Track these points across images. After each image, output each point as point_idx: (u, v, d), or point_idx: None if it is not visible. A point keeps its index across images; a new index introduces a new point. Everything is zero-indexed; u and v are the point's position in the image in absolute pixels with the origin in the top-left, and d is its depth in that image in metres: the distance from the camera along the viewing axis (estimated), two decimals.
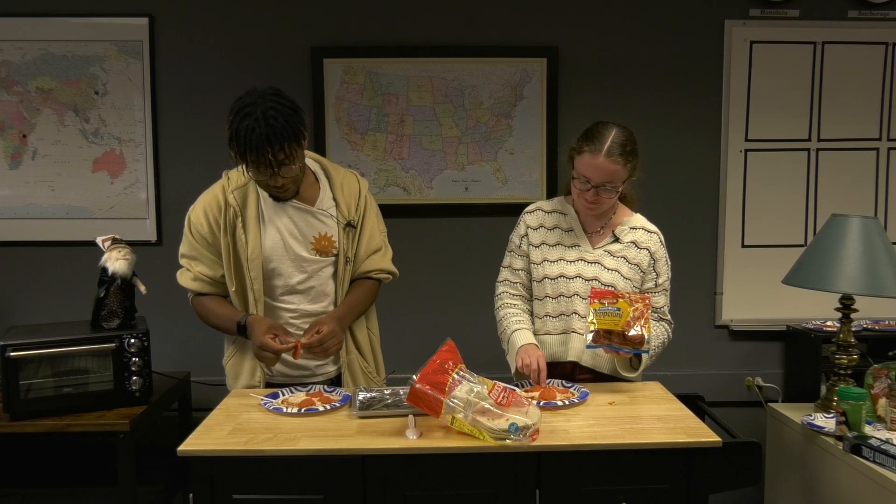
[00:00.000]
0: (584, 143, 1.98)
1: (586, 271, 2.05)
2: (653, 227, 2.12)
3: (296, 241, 2.03)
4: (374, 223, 2.14)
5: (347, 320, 2.05)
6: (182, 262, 2.08)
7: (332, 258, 2.07)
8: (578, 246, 2.09)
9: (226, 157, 3.09)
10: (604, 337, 1.93)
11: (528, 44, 2.92)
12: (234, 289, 2.02)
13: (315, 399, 1.87)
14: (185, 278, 2.07)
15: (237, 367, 2.09)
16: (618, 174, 1.96)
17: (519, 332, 2.06)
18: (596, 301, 1.94)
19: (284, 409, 1.79)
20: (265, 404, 1.84)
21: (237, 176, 2.05)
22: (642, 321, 1.90)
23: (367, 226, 2.11)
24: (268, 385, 2.06)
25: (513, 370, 2.06)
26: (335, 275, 2.08)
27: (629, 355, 1.99)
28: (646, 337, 1.90)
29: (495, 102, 2.94)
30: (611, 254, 2.07)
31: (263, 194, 2.03)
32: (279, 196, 1.99)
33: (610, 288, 2.02)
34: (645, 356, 2.01)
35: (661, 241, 2.11)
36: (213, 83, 2.91)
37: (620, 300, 1.92)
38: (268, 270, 2.02)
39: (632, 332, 1.89)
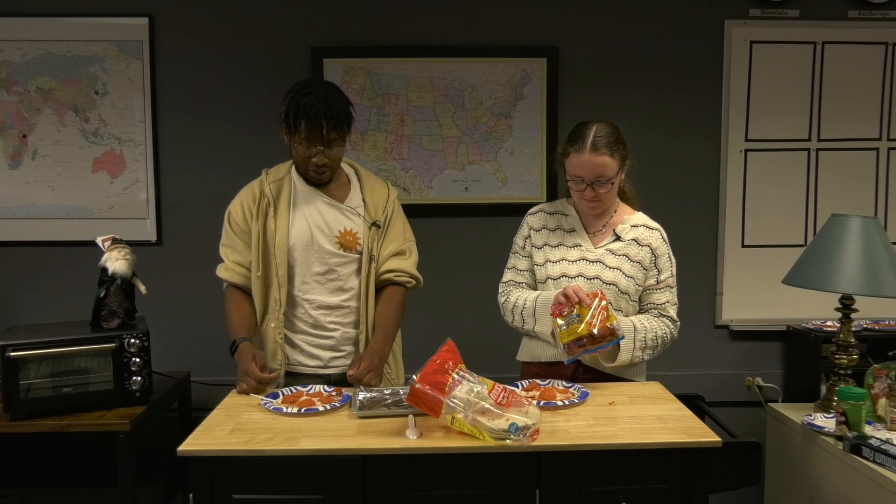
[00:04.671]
0: (569, 145, 2.03)
1: (588, 270, 2.05)
2: (654, 224, 2.12)
3: (321, 233, 2.10)
4: (400, 228, 2.22)
5: (387, 349, 2.12)
6: (221, 253, 2.17)
7: (357, 255, 2.13)
8: (580, 246, 2.09)
9: (225, 156, 3.09)
10: (576, 346, 1.92)
11: (528, 44, 2.93)
12: (258, 274, 2.10)
13: (315, 399, 1.87)
14: (221, 270, 2.17)
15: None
16: (607, 166, 1.98)
17: (536, 295, 2.06)
18: (557, 318, 1.93)
19: (285, 409, 1.79)
20: (265, 404, 1.84)
21: (276, 171, 2.17)
22: (604, 315, 1.88)
23: (393, 229, 2.20)
24: (287, 372, 2.13)
25: (549, 329, 2.00)
26: (359, 271, 2.14)
27: (609, 348, 1.97)
28: (613, 326, 1.88)
29: (495, 102, 2.94)
30: (612, 252, 2.07)
31: (297, 184, 2.13)
32: (317, 178, 2.09)
33: (611, 285, 2.03)
34: (625, 343, 1.97)
35: (663, 238, 2.10)
36: (213, 83, 2.91)
37: (577, 306, 1.90)
38: (291, 259, 2.10)
39: (596, 331, 1.87)
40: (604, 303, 1.90)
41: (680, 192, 3.00)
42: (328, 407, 1.80)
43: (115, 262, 2.29)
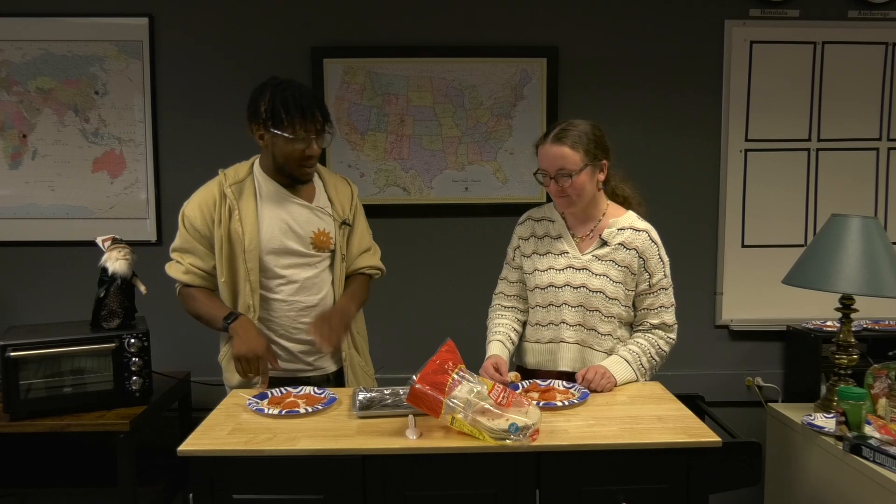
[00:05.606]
0: (539, 140, 2.05)
1: (574, 279, 2.03)
2: (642, 225, 2.05)
3: (295, 235, 2.08)
4: (364, 225, 2.25)
5: (352, 308, 2.11)
6: (173, 255, 2.13)
7: (329, 254, 2.14)
8: (567, 253, 2.06)
9: (225, 156, 3.08)
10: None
11: (528, 44, 2.92)
12: (223, 279, 2.07)
13: (300, 401, 1.86)
14: (175, 270, 2.11)
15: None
16: (567, 158, 1.95)
17: (490, 343, 2.11)
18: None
19: (266, 411, 1.78)
20: (250, 405, 1.82)
21: (234, 172, 2.12)
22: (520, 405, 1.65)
23: (358, 227, 2.22)
24: (277, 378, 2.08)
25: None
26: (332, 269, 2.15)
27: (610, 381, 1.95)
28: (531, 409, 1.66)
29: (495, 102, 2.94)
30: (599, 259, 2.03)
31: (263, 185, 2.09)
32: (306, 174, 2.07)
33: (598, 293, 2.00)
34: (627, 376, 1.98)
35: (650, 239, 2.03)
36: (213, 83, 2.91)
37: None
38: (264, 262, 2.06)
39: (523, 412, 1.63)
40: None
41: (680, 192, 3.00)
42: (309, 409, 1.79)
43: (115, 262, 2.29)
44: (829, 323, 2.88)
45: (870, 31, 2.96)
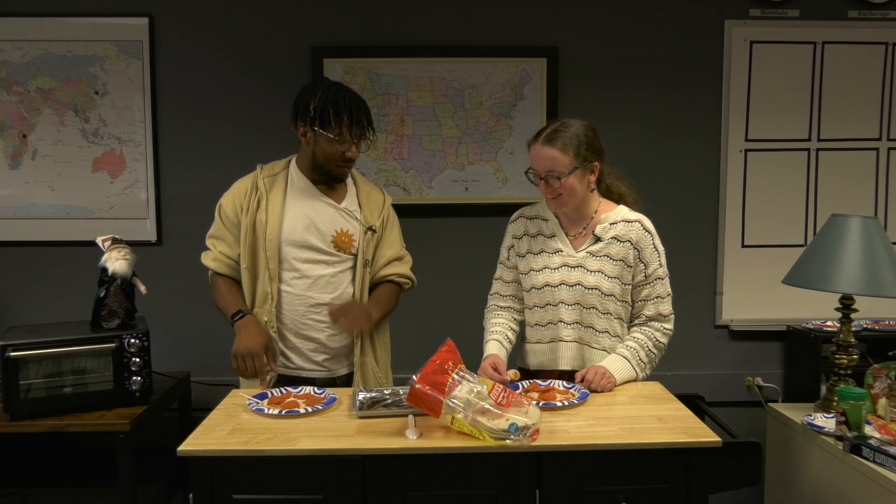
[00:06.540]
0: (531, 139, 2.03)
1: (570, 277, 2.03)
2: (634, 216, 2.04)
3: (317, 231, 2.11)
4: (396, 235, 2.26)
5: (375, 311, 2.11)
6: (207, 242, 2.18)
7: (351, 257, 2.14)
8: (561, 251, 2.05)
9: (225, 156, 3.08)
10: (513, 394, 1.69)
11: (528, 44, 2.92)
12: (245, 265, 2.11)
13: (300, 401, 1.86)
14: (206, 257, 2.18)
15: None
16: (556, 160, 1.95)
17: (488, 343, 2.11)
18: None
19: (266, 411, 1.78)
20: (250, 405, 1.83)
21: (270, 167, 2.18)
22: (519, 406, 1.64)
23: (390, 235, 2.23)
24: (281, 376, 2.12)
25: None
26: (353, 274, 2.15)
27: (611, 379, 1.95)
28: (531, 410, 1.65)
29: (495, 102, 2.94)
30: (593, 255, 2.02)
31: (295, 181, 2.13)
32: (341, 174, 2.13)
33: (594, 290, 2.00)
34: (626, 373, 1.98)
35: (644, 228, 2.02)
36: (213, 83, 2.91)
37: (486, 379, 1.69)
38: (282, 253, 2.10)
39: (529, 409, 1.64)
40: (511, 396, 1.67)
41: (680, 192, 3.00)
42: (309, 409, 1.79)
43: (115, 262, 2.30)
44: (829, 323, 2.88)
45: (870, 31, 2.96)
